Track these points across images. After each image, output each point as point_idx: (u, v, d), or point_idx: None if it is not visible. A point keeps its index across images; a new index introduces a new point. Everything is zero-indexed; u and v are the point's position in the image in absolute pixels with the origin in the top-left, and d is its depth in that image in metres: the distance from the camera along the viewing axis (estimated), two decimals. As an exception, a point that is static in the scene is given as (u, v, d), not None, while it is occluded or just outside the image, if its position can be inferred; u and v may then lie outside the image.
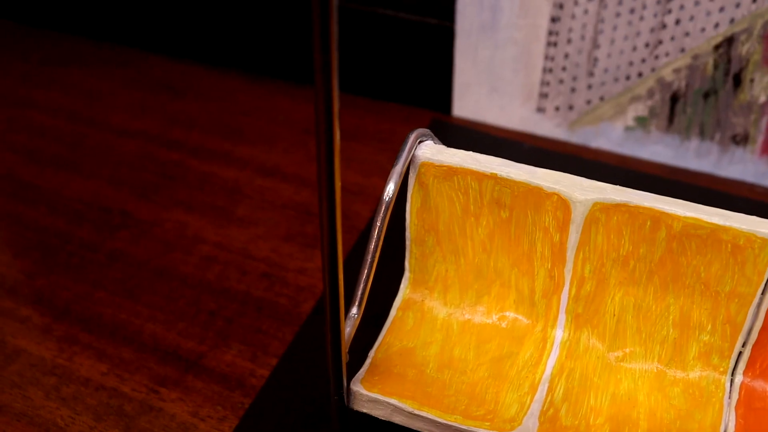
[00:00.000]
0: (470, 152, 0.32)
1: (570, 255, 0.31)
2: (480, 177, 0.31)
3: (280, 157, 0.51)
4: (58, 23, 0.68)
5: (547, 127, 0.52)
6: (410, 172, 0.32)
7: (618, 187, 0.30)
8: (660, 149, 0.50)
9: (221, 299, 0.41)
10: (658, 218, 0.30)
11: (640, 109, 0.49)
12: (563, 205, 0.31)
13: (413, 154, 0.32)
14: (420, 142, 0.32)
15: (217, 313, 0.40)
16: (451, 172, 0.32)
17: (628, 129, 0.50)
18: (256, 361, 0.38)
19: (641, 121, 0.49)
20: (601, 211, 0.30)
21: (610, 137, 0.50)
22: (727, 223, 0.29)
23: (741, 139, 0.47)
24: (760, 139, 0.47)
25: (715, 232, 0.29)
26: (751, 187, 0.48)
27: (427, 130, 0.32)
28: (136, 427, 0.35)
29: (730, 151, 0.48)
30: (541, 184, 0.31)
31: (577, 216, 0.30)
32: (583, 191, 0.30)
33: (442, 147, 0.32)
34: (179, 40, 0.63)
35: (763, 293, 0.30)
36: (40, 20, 0.68)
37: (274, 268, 0.43)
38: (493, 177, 0.31)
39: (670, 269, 0.30)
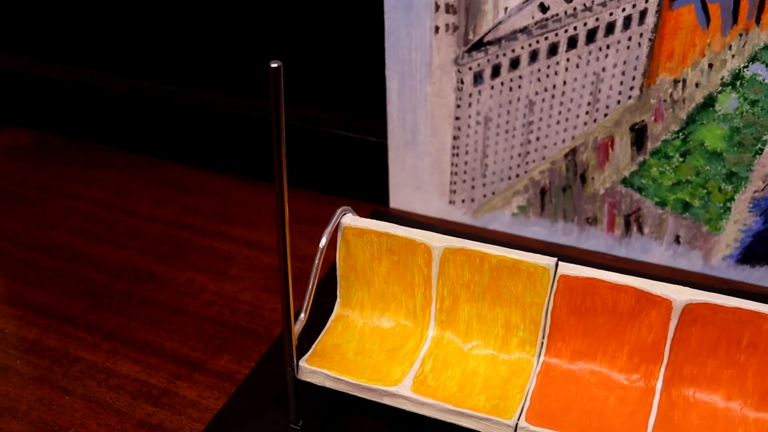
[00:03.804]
0: (373, 220, 0.52)
1: (434, 282, 0.51)
2: (379, 234, 0.51)
3: (262, 236, 0.72)
4: (96, 136, 0.85)
5: (457, 215, 0.71)
6: (338, 232, 0.53)
7: (460, 239, 0.51)
8: (537, 229, 0.70)
9: (218, 327, 0.61)
10: (482, 256, 0.50)
11: (521, 200, 0.69)
12: (427, 250, 0.51)
13: (339, 221, 0.53)
14: (344, 214, 0.53)
15: (215, 336, 0.60)
16: (362, 232, 0.52)
17: (513, 215, 0.70)
18: (241, 365, 0.57)
19: (522, 209, 0.70)
20: (450, 253, 0.50)
21: (501, 221, 0.71)
22: (522, 258, 0.49)
23: (593, 221, 0.68)
24: (605, 220, 0.68)
25: (516, 263, 0.49)
26: (603, 255, 0.68)
27: (348, 207, 0.53)
28: (160, 403, 0.54)
29: (587, 229, 0.69)
30: (414, 238, 0.51)
31: (436, 257, 0.51)
32: (438, 241, 0.50)
33: (357, 217, 0.53)
34: (189, 150, 0.80)
35: (549, 302, 0.50)
36: (83, 134, 0.86)
37: (255, 308, 0.63)
38: (386, 234, 0.51)
39: (495, 289, 0.50)
